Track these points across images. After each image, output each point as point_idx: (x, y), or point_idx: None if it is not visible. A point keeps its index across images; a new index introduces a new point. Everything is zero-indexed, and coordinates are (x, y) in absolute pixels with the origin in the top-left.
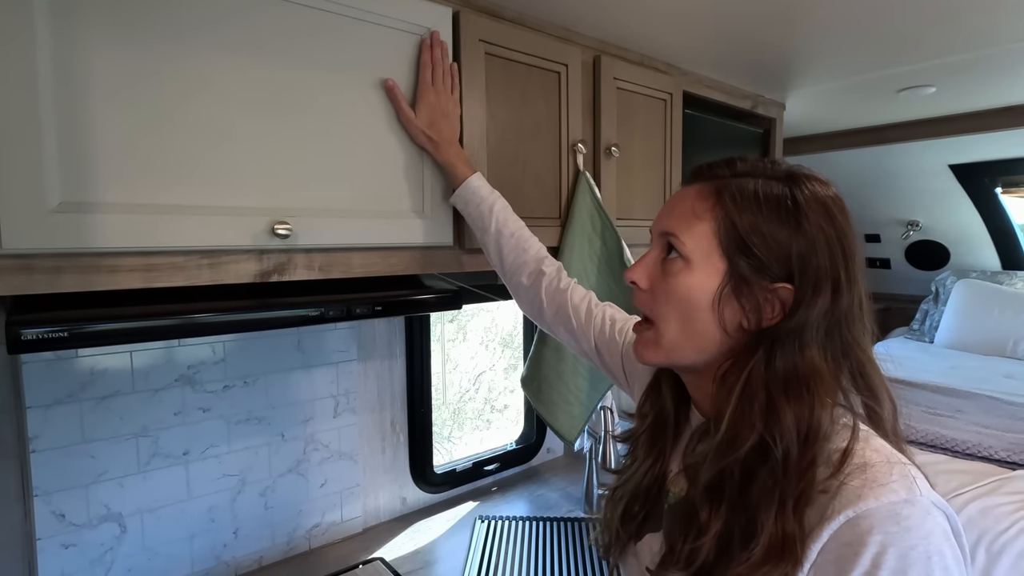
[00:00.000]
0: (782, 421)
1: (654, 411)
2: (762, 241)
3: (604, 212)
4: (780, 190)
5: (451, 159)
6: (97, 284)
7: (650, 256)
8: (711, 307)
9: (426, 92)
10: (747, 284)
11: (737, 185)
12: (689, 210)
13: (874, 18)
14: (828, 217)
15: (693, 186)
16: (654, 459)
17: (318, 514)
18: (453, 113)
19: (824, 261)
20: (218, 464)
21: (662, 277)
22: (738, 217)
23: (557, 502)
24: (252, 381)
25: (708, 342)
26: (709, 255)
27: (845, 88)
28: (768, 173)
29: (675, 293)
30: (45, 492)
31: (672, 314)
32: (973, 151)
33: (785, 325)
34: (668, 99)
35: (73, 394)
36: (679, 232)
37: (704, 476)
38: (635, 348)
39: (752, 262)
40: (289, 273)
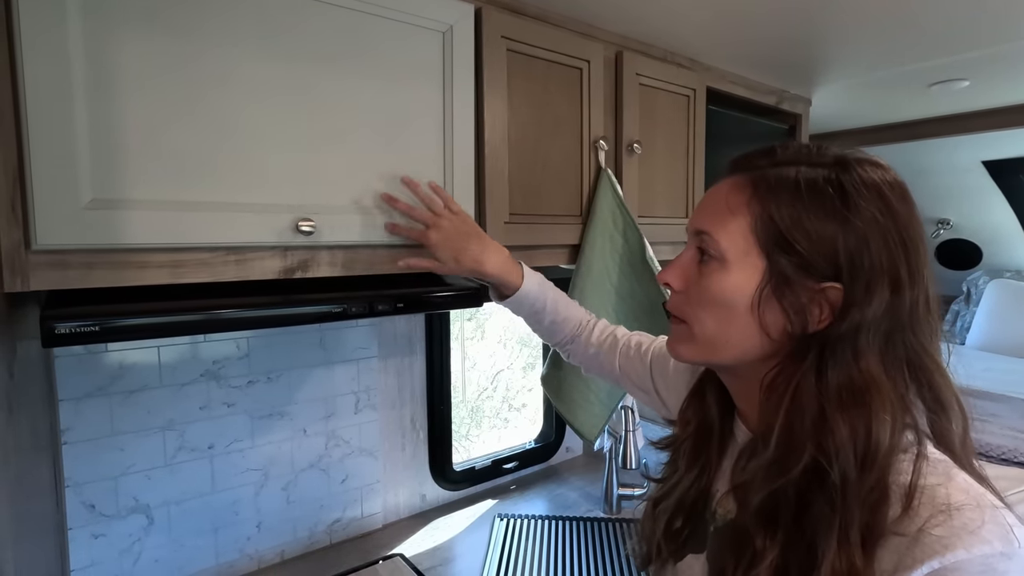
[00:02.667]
0: (835, 439)
1: (697, 418)
2: (804, 236)
3: (626, 210)
4: (825, 177)
5: (496, 272)
6: (127, 280)
7: (685, 256)
8: (750, 310)
9: (432, 230)
10: (789, 284)
11: (776, 175)
12: (723, 205)
13: (904, 9)
14: (884, 205)
15: (730, 178)
16: (698, 472)
17: (339, 509)
18: (468, 223)
19: (879, 256)
20: (242, 458)
21: (697, 278)
22: (776, 210)
23: (576, 501)
24: (275, 377)
25: (748, 346)
26: (746, 253)
27: (874, 83)
28: (812, 159)
29: (709, 295)
30: (76, 483)
31: (708, 318)
32: (1008, 147)
33: (836, 329)
34: (691, 95)
35: (103, 388)
36: (712, 230)
37: (755, 499)
38: (668, 345)
39: (794, 259)
40: (313, 270)
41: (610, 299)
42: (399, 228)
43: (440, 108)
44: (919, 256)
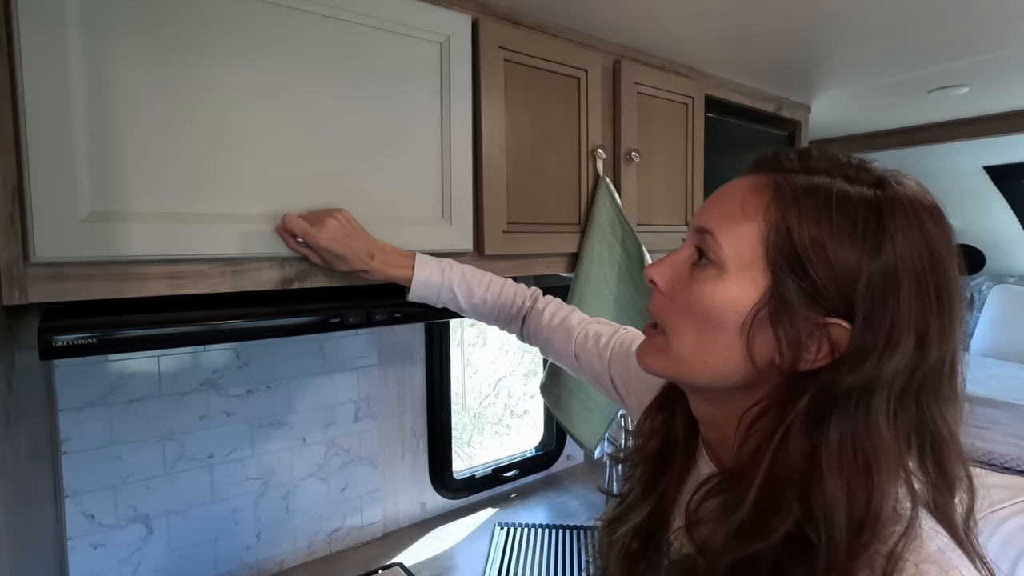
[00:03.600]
0: (827, 500)
1: (660, 435)
2: (822, 260)
3: (624, 218)
4: (862, 197)
5: (379, 267)
6: (126, 292)
7: (679, 254)
8: (739, 330)
9: (317, 228)
10: (790, 311)
11: (806, 182)
12: (736, 205)
13: (902, 19)
14: (926, 246)
15: (752, 176)
16: (656, 500)
17: (339, 518)
18: (352, 223)
19: (908, 303)
20: (241, 467)
21: (687, 282)
22: (796, 223)
23: (577, 510)
24: (275, 386)
25: (727, 370)
26: (749, 265)
27: (873, 89)
28: (850, 174)
29: (698, 303)
30: (76, 493)
31: (689, 329)
32: (1009, 152)
33: (845, 378)
34: (690, 103)
35: (103, 397)
36: (717, 230)
37: (725, 558)
38: (638, 353)
39: (803, 284)
40: (310, 280)
41: (609, 307)
42: (290, 242)
43: (438, 118)
44: (953, 311)
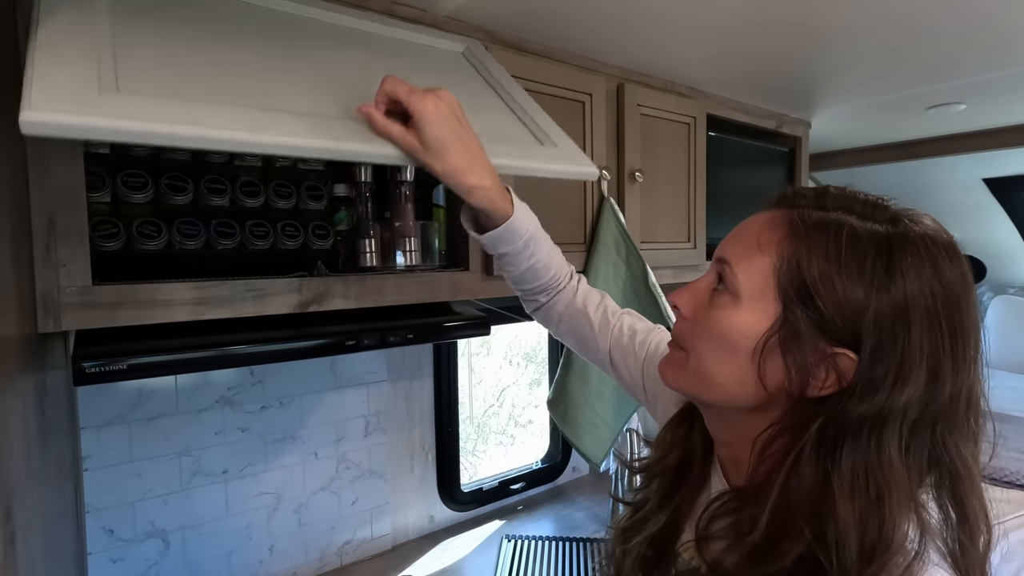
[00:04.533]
0: (839, 527)
1: (679, 450)
2: (830, 293)
3: (629, 237)
4: (872, 234)
5: (487, 186)
6: (151, 318)
7: (701, 282)
8: (751, 354)
9: (431, 97)
10: (799, 339)
11: (818, 219)
12: (753, 239)
13: (899, 41)
14: (938, 284)
15: (770, 212)
16: (671, 513)
17: (349, 531)
18: (467, 125)
19: (920, 337)
20: (255, 482)
21: (707, 308)
22: (806, 257)
23: (583, 522)
24: (287, 402)
25: (738, 391)
26: (762, 295)
27: (872, 106)
28: (865, 212)
29: (714, 327)
30: (96, 509)
31: (706, 351)
32: (1008, 164)
33: (856, 407)
34: (692, 123)
35: (123, 415)
36: (734, 261)
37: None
38: (660, 365)
39: (811, 314)
40: (327, 303)
41: None
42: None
43: None
44: (968, 346)
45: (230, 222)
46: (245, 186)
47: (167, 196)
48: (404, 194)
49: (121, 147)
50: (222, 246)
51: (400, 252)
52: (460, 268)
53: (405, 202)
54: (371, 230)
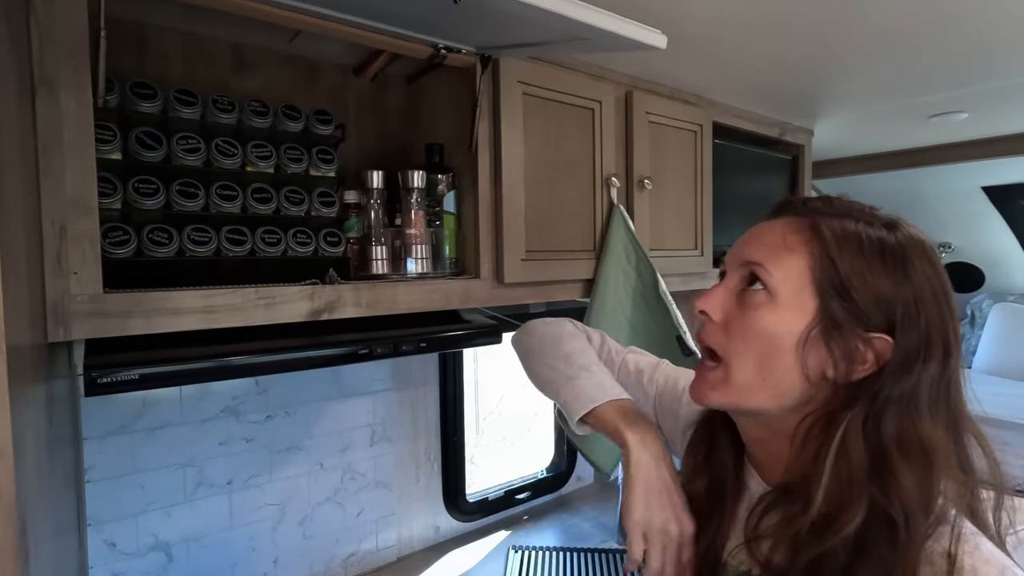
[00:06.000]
0: (901, 485)
1: (708, 475)
2: (863, 285)
3: (638, 244)
4: (884, 234)
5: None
6: (161, 327)
7: (724, 286)
8: (795, 348)
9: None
10: (839, 328)
11: (840, 225)
12: (779, 241)
13: (906, 52)
14: (933, 270)
15: (783, 218)
16: (711, 533)
17: (354, 543)
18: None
19: (935, 317)
20: (260, 493)
21: (739, 310)
22: (838, 256)
23: (590, 532)
24: (293, 411)
25: (785, 388)
26: (799, 291)
27: (875, 115)
28: (867, 216)
29: (754, 328)
30: (98, 521)
31: (749, 352)
32: (1006, 173)
33: (893, 384)
34: (698, 130)
35: (126, 425)
36: (767, 262)
37: (801, 559)
38: (696, 388)
39: (848, 306)
40: (339, 311)
41: (624, 332)
42: None
43: None
44: (958, 324)
45: (241, 229)
46: (256, 192)
47: (178, 202)
48: (415, 201)
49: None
50: (233, 253)
51: (411, 259)
52: (471, 276)
53: (416, 209)
54: (382, 237)
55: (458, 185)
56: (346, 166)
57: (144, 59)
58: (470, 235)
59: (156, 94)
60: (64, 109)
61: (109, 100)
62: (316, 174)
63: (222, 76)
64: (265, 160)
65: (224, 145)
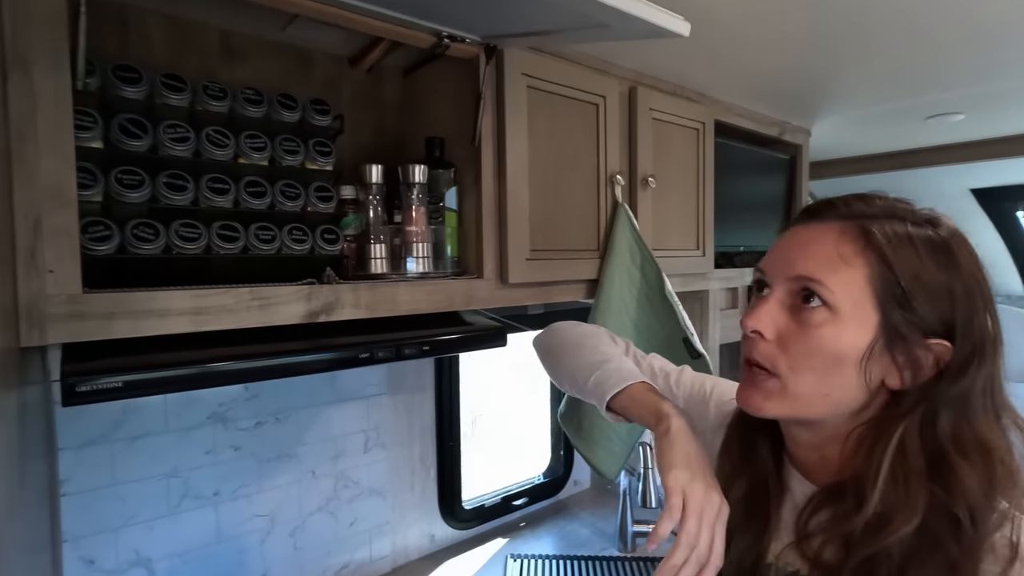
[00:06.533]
0: (964, 483)
1: (749, 476)
2: (923, 292)
3: (644, 244)
4: (931, 233)
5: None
6: (148, 329)
7: (773, 303)
8: (858, 363)
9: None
10: (903, 339)
11: (891, 228)
12: (833, 253)
13: (910, 52)
14: (977, 263)
15: (826, 224)
16: (756, 532)
17: (347, 553)
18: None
19: (983, 316)
20: (248, 504)
21: (796, 328)
22: (897, 263)
23: (589, 539)
24: (284, 417)
25: (845, 400)
26: (861, 305)
27: (873, 115)
28: (910, 215)
29: (818, 347)
30: (75, 537)
31: (808, 369)
32: (995, 175)
33: (949, 387)
34: (701, 128)
35: (106, 434)
36: (825, 278)
37: (854, 558)
38: (748, 397)
39: (909, 316)
40: (337, 312)
41: (629, 334)
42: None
43: None
44: (997, 313)
45: (233, 225)
46: (250, 186)
47: (165, 195)
48: (416, 196)
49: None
50: (224, 251)
51: (411, 258)
52: (474, 276)
53: (417, 205)
54: (381, 235)
55: (459, 181)
56: (340, 161)
57: (127, 46)
58: (472, 233)
59: (141, 78)
60: (39, 91)
61: (89, 83)
62: (313, 167)
63: (210, 64)
64: (259, 152)
65: (215, 135)
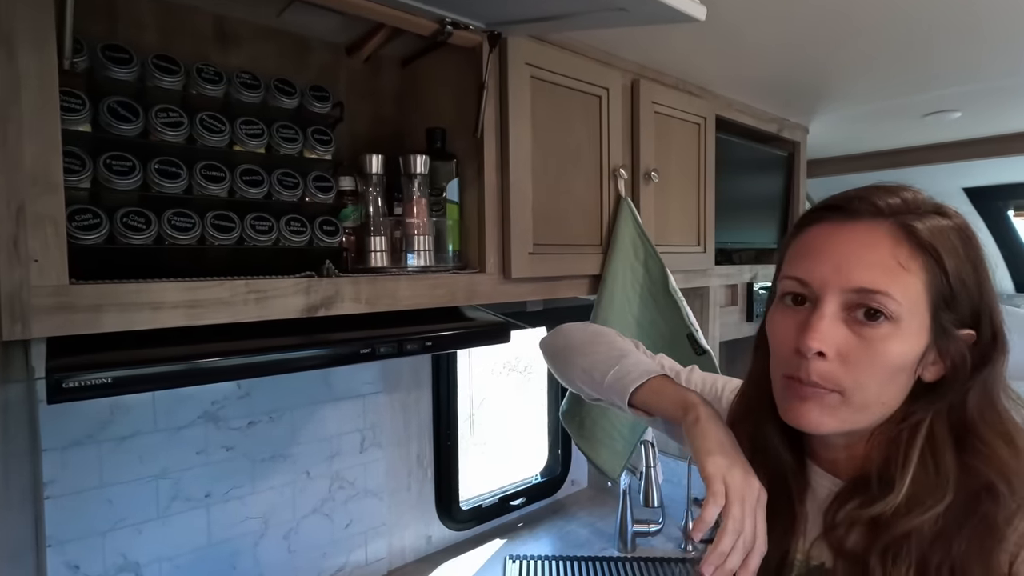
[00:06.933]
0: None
1: (767, 470)
2: (963, 290)
3: (647, 239)
4: (956, 224)
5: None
6: (140, 323)
7: (827, 317)
8: (914, 368)
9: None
10: (948, 337)
11: (930, 223)
12: (890, 259)
13: (909, 48)
14: (982, 255)
15: (865, 223)
16: (780, 532)
17: (343, 555)
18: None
19: (994, 301)
20: (241, 506)
21: (858, 342)
22: (949, 264)
23: (588, 539)
24: (277, 416)
25: (897, 403)
26: (917, 311)
27: (871, 112)
28: (930, 206)
29: (883, 361)
30: (59, 542)
31: (871, 383)
32: (987, 174)
33: (977, 375)
34: (702, 123)
35: (92, 435)
36: (891, 288)
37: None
38: (805, 414)
39: (952, 315)
40: (336, 307)
41: (631, 330)
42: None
43: None
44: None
45: (228, 214)
46: (245, 174)
47: (157, 183)
48: (417, 188)
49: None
50: (219, 241)
51: (412, 251)
52: (476, 270)
53: (418, 197)
54: (381, 227)
55: (460, 173)
56: (338, 151)
57: (115, 31)
58: (474, 227)
59: (132, 59)
60: (23, 69)
61: (77, 63)
62: (311, 156)
63: (203, 50)
64: (255, 139)
65: (210, 120)
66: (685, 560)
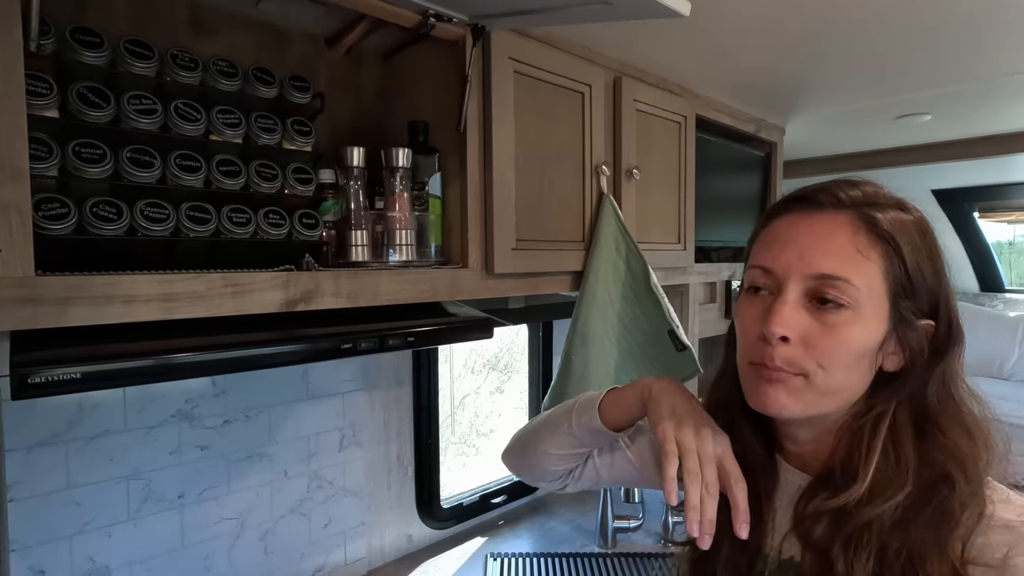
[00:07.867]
0: (960, 452)
1: (741, 463)
2: (921, 280)
3: (629, 236)
4: (915, 218)
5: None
6: (111, 316)
7: (789, 303)
8: (874, 355)
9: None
10: (906, 324)
11: (893, 217)
12: (849, 246)
13: (884, 51)
14: (937, 243)
15: (828, 213)
16: (752, 529)
17: (321, 556)
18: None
19: (950, 293)
20: (216, 507)
21: (820, 327)
22: (907, 254)
23: (569, 536)
24: (254, 415)
25: (858, 391)
26: (877, 298)
27: (845, 114)
28: (891, 200)
29: (843, 346)
30: (23, 546)
31: (835, 367)
32: (955, 177)
33: (935, 366)
34: (683, 122)
35: (59, 434)
36: (848, 275)
37: (844, 530)
38: (769, 396)
39: (912, 303)
40: (316, 301)
41: (613, 327)
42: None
43: None
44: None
45: (204, 206)
46: (222, 164)
47: (129, 171)
48: (399, 182)
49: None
50: (194, 233)
51: (394, 246)
52: (458, 265)
53: (400, 191)
54: (362, 221)
55: (443, 167)
56: (318, 144)
57: (85, 17)
58: (456, 221)
59: (103, 43)
60: None
61: (44, 46)
62: (291, 147)
63: (177, 38)
64: (233, 128)
65: (185, 108)
66: (665, 555)
